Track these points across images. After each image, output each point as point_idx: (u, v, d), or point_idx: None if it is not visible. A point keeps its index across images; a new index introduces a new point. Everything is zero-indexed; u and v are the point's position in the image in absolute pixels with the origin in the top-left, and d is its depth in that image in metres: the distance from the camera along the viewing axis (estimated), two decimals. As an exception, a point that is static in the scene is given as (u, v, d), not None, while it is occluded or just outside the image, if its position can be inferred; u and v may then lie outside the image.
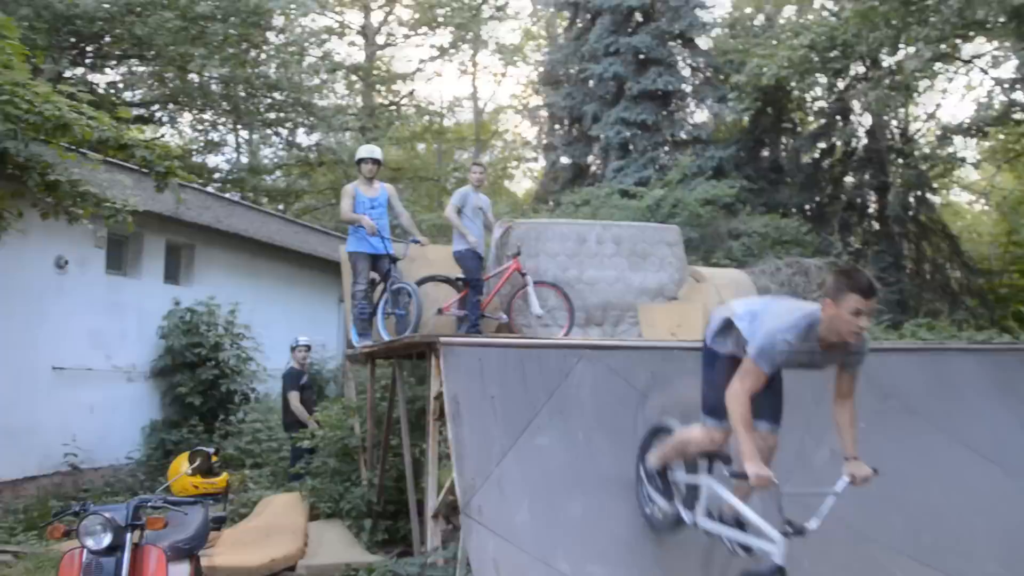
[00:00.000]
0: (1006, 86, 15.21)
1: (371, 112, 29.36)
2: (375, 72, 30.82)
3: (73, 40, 17.20)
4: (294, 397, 10.51)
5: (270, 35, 24.46)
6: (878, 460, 6.32)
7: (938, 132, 17.25)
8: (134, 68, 21.92)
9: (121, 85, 22.39)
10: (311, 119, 25.03)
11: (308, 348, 11.08)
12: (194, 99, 23.60)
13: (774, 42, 18.08)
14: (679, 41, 20.32)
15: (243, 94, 23.79)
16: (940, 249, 19.25)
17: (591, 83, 20.65)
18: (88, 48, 18.39)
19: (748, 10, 25.34)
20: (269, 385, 13.72)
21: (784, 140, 21.71)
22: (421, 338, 6.16)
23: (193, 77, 21.94)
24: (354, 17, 30.98)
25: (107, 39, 17.93)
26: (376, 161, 8.59)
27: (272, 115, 25.10)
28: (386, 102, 31.28)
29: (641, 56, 19.57)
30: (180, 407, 12.58)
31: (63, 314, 11.05)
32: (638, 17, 20.22)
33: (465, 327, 8.82)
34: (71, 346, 11.23)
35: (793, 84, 16.59)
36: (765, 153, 21.69)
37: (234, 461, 11.53)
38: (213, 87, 23.13)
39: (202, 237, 13.55)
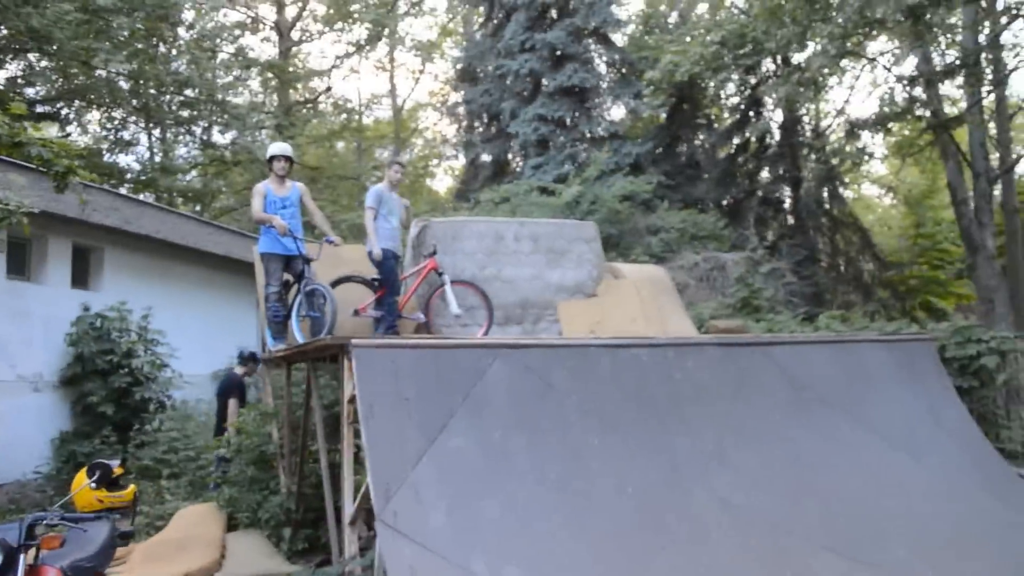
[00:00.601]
0: (906, 83, 15.80)
1: (287, 110, 28.84)
2: (290, 69, 30.28)
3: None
4: (234, 404, 10.21)
5: (180, 31, 23.83)
6: (795, 451, 6.54)
7: (846, 127, 17.77)
8: (34, 63, 20.96)
9: (21, 80, 21.40)
10: (225, 117, 24.38)
11: (257, 361, 10.77)
12: (101, 96, 22.77)
13: (688, 39, 18.42)
14: (594, 38, 20.51)
15: (153, 91, 23.05)
16: (852, 242, 19.91)
17: (508, 80, 20.67)
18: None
19: (662, 7, 25.81)
20: (186, 392, 13.33)
21: (700, 136, 22.18)
22: (333, 340, 6.05)
23: (100, 73, 21.10)
24: (268, 12, 30.46)
25: (1, 31, 17.09)
26: (288, 159, 8.39)
27: (185, 113, 24.38)
28: (302, 99, 30.76)
29: (557, 52, 19.70)
30: (91, 417, 12.09)
31: (-42, 324, 10.54)
32: (553, 14, 20.36)
33: (382, 328, 8.73)
34: (-33, 357, 10.72)
35: (706, 81, 16.89)
36: (682, 149, 22.11)
37: (150, 472, 11.14)
38: (121, 84, 22.30)
39: (111, 239, 13.08)
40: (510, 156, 22.10)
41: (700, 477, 5.77)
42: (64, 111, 23.83)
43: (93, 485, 5.14)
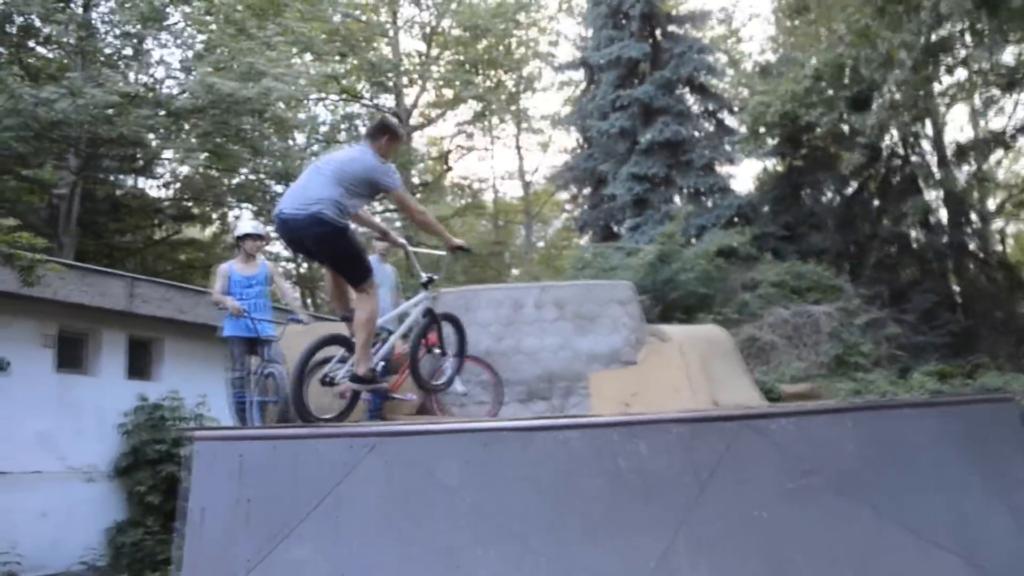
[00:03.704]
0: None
1: (412, 192, 29.29)
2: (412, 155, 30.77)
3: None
4: None
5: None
6: (787, 560, 5.06)
7: (954, 151, 15.50)
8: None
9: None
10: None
11: None
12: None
13: (783, 77, 16.92)
14: (688, 88, 19.34)
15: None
16: (997, 282, 17.25)
17: (603, 140, 19.82)
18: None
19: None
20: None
21: (823, 182, 20.24)
22: (180, 431, 5.29)
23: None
24: (388, 100, 31.27)
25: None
26: (260, 237, 7.97)
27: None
28: (420, 183, 31.16)
29: (650, 108, 18.68)
30: (142, 507, 12.00)
31: (5, 417, 10.71)
32: (645, 68, 19.41)
33: (368, 412, 7.98)
34: (14, 449, 10.84)
35: (803, 119, 15.26)
36: (806, 198, 20.26)
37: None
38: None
39: (169, 329, 13.16)
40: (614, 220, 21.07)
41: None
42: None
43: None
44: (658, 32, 19.66)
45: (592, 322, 9.38)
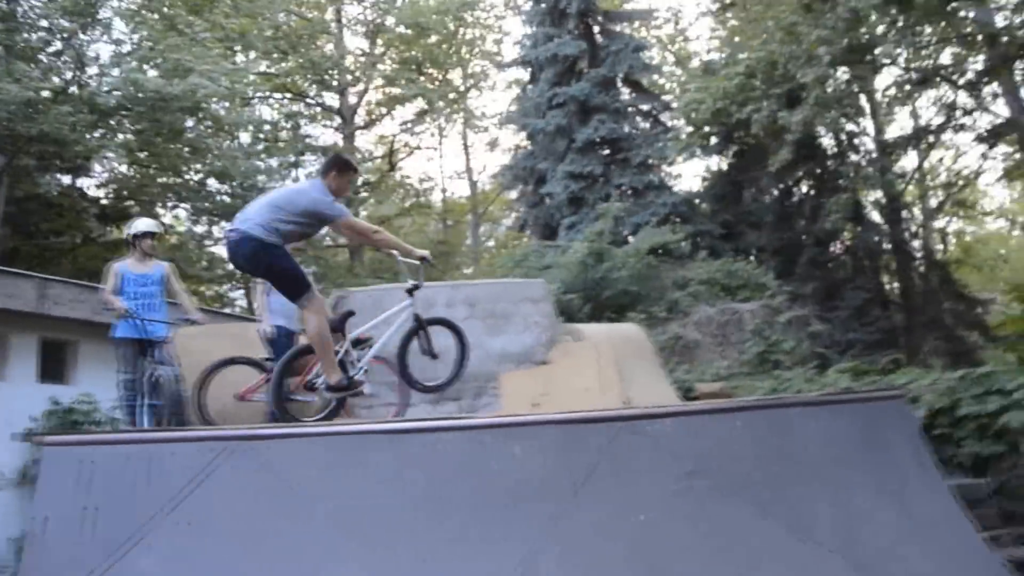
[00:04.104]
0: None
1: (356, 192, 28.93)
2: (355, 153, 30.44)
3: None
4: None
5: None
6: (668, 565, 4.98)
7: (878, 148, 15.69)
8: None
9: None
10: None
11: None
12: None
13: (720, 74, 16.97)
14: (626, 87, 19.34)
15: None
16: (928, 280, 17.50)
17: (541, 138, 19.73)
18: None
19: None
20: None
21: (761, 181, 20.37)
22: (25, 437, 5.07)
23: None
24: (332, 100, 30.89)
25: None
26: (155, 235, 7.74)
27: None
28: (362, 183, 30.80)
29: (587, 105, 18.63)
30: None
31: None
32: (582, 66, 19.37)
33: (268, 415, 7.80)
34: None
35: (734, 116, 15.31)
36: (746, 196, 20.36)
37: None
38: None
39: (84, 332, 12.76)
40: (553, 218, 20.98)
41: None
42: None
43: None
44: (596, 30, 19.62)
45: (504, 321, 9.31)
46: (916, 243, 18.53)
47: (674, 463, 5.22)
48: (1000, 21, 13.57)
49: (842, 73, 12.05)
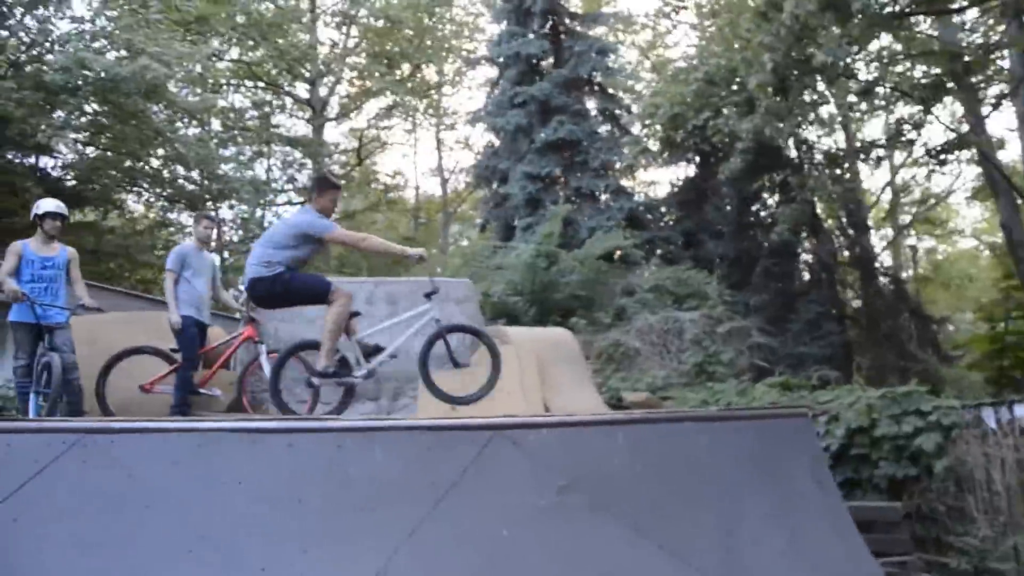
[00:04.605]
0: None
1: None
2: (321, 145, 30.02)
3: None
4: None
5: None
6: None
7: (826, 158, 15.51)
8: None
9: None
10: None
11: None
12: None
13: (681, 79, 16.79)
14: (588, 89, 19.07)
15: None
16: (884, 295, 17.34)
17: (504, 138, 19.45)
18: None
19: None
20: None
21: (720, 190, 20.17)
22: None
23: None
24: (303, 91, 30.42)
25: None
26: (63, 217, 7.41)
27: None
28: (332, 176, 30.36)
29: (548, 106, 18.34)
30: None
31: None
32: (545, 67, 19.11)
33: (171, 408, 7.53)
34: None
35: (690, 122, 15.10)
36: (708, 205, 20.14)
37: None
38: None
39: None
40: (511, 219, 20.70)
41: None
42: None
43: None
44: (562, 30, 19.35)
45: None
46: (877, 257, 18.36)
47: (548, 476, 4.97)
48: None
49: (795, 81, 11.81)
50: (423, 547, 4.53)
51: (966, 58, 13.33)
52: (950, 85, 12.90)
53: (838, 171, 15.18)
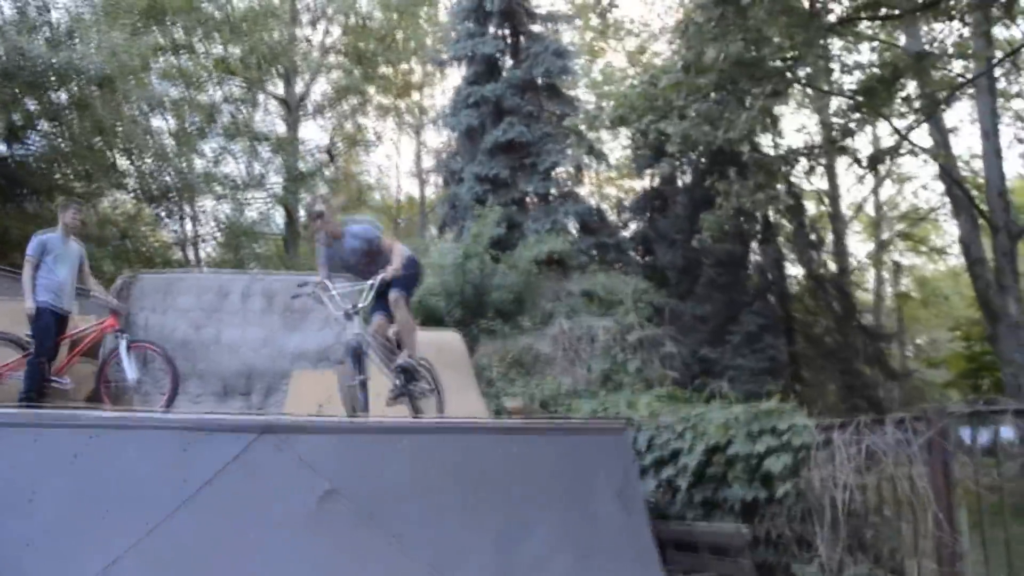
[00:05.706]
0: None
1: (294, 179, 28.27)
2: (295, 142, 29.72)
3: None
4: None
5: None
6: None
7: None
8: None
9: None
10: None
11: None
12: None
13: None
14: (544, 91, 18.80)
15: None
16: (832, 310, 17.06)
17: (458, 138, 19.25)
18: None
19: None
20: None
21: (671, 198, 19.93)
22: None
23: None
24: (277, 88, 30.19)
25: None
26: None
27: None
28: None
29: (502, 107, 18.10)
30: None
31: None
32: (502, 66, 18.89)
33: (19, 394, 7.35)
34: None
35: (631, 126, 14.86)
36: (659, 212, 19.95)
37: None
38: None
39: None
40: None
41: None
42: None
43: None
44: (521, 31, 19.11)
45: (302, 318, 8.79)
46: (827, 271, 18.08)
47: (313, 481, 4.75)
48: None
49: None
50: (160, 546, 4.33)
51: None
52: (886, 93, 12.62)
53: (771, 176, 14.81)
